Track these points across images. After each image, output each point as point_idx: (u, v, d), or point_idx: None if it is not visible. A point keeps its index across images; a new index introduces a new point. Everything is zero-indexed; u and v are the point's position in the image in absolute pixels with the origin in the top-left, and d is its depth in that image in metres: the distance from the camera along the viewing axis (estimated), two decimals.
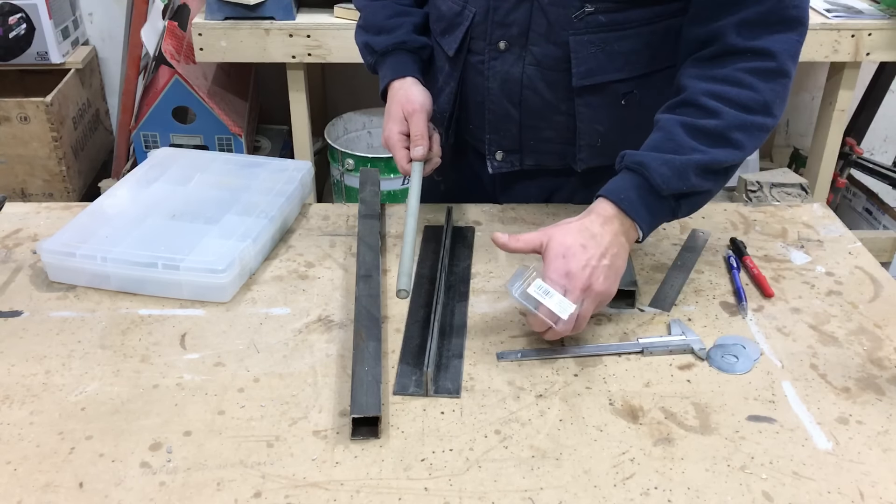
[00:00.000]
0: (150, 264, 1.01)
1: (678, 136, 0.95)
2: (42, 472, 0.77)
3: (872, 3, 2.33)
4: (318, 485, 0.76)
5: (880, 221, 2.65)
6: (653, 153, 0.95)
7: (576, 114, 1.13)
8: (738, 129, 0.95)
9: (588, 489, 0.76)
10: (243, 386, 0.89)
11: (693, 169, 0.94)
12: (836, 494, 0.76)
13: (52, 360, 0.92)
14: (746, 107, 0.95)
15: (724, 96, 0.95)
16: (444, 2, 1.17)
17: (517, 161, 1.20)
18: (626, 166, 0.96)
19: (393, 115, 1.15)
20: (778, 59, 0.96)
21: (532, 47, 1.10)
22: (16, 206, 1.25)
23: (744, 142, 0.95)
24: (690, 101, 0.97)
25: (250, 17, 2.19)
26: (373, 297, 0.99)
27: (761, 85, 0.96)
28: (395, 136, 1.14)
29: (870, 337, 0.98)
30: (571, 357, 0.93)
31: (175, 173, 1.25)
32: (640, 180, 0.94)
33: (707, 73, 0.98)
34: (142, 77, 2.61)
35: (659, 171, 0.93)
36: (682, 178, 0.94)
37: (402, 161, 1.13)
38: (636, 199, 0.94)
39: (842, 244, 1.18)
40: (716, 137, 0.95)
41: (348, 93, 2.93)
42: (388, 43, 1.19)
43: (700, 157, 0.94)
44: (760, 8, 0.95)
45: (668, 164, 0.93)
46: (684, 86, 0.99)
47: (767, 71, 0.96)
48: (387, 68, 1.19)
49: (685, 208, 0.98)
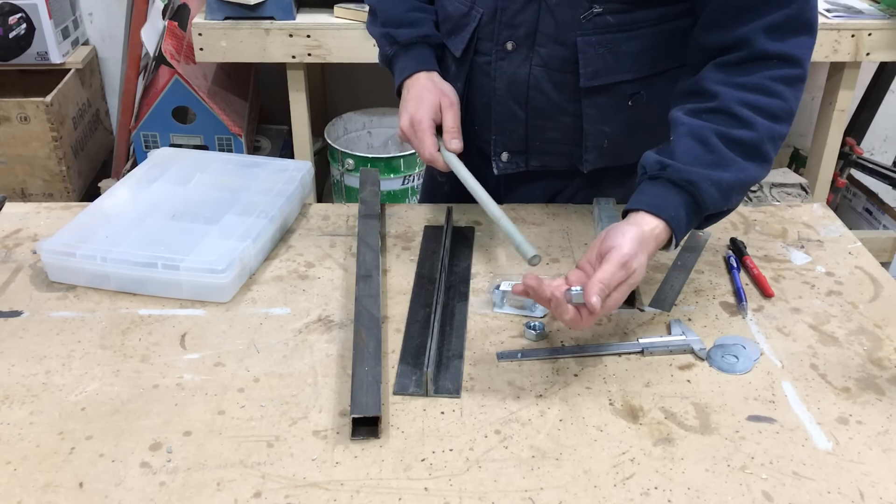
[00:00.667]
0: (150, 264, 1.01)
1: (716, 148, 0.93)
2: (42, 472, 0.77)
3: (872, 3, 2.33)
4: (318, 485, 0.76)
5: (880, 221, 2.65)
6: (699, 170, 0.92)
7: (583, 115, 1.12)
8: (770, 141, 0.95)
9: (588, 489, 0.76)
10: (243, 386, 0.89)
11: (737, 189, 0.94)
12: (836, 494, 0.76)
13: (52, 360, 0.92)
14: (776, 116, 0.95)
15: (757, 105, 0.94)
16: (451, 2, 1.16)
17: (522, 162, 1.20)
18: (674, 182, 0.92)
19: (426, 101, 1.12)
20: (803, 65, 0.97)
21: (539, 48, 1.09)
22: (16, 206, 1.25)
23: (771, 155, 0.96)
24: (724, 109, 0.95)
25: (250, 17, 2.19)
26: (373, 297, 0.99)
27: (788, 93, 0.96)
28: (427, 120, 1.10)
29: (870, 337, 0.98)
30: (571, 357, 0.93)
31: (175, 173, 1.25)
32: (688, 199, 0.92)
33: (736, 81, 0.96)
34: (142, 77, 2.61)
35: (708, 192, 0.92)
36: (726, 199, 0.94)
37: (430, 147, 1.10)
38: (683, 217, 0.92)
39: (842, 244, 1.18)
40: (750, 149, 0.94)
41: (348, 93, 2.93)
42: (413, 35, 1.18)
43: (741, 175, 0.93)
44: (789, 11, 0.95)
45: (717, 185, 0.92)
46: (714, 92, 0.96)
47: (793, 78, 0.96)
48: (409, 59, 1.18)
49: (709, 223, 0.98)
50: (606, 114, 1.12)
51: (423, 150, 1.10)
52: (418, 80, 1.15)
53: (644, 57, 1.09)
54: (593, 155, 1.16)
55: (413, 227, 1.21)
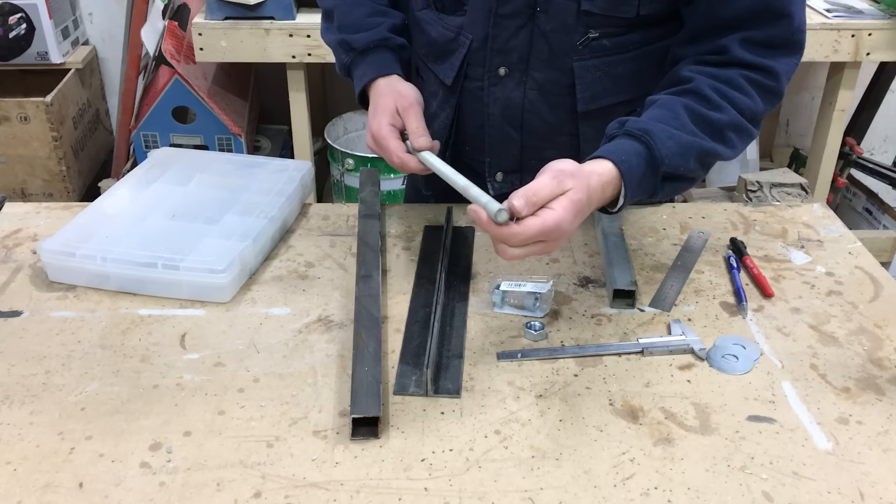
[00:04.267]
0: (150, 264, 1.01)
1: (682, 117, 0.94)
2: (42, 472, 0.77)
3: (872, 3, 2.33)
4: (318, 485, 0.76)
5: (880, 221, 2.65)
6: (659, 124, 0.92)
7: (580, 135, 1.11)
8: (734, 130, 0.96)
9: (588, 489, 0.76)
10: (243, 386, 0.89)
11: (696, 152, 0.93)
12: (836, 494, 0.76)
13: (52, 360, 0.92)
14: (743, 112, 0.96)
15: (728, 95, 0.96)
16: (435, 28, 1.13)
17: (517, 181, 1.17)
18: (629, 132, 0.92)
19: (382, 107, 1.06)
20: (780, 80, 0.98)
21: (533, 73, 1.08)
22: (16, 206, 1.25)
23: (735, 143, 0.96)
24: (696, 90, 0.96)
25: (250, 17, 2.19)
26: (373, 297, 0.99)
27: (759, 99, 0.97)
28: (385, 128, 1.04)
29: (870, 337, 0.98)
30: (571, 357, 0.93)
31: (175, 173, 1.25)
32: (642, 149, 0.90)
33: (712, 72, 0.98)
34: (142, 77, 2.61)
35: (665, 143, 0.91)
36: (685, 157, 0.92)
37: (397, 151, 1.03)
38: (635, 166, 0.89)
39: (842, 244, 1.18)
40: (715, 130, 0.95)
41: (348, 93, 2.90)
42: (370, 40, 1.12)
43: (703, 142, 0.93)
44: (772, 31, 0.96)
45: (675, 139, 0.91)
46: (688, 77, 0.98)
47: (767, 89, 0.98)
48: (367, 66, 1.12)
49: (667, 190, 0.95)
50: (602, 133, 1.11)
51: (391, 156, 1.04)
52: (377, 86, 1.10)
53: (639, 77, 1.08)
54: None
55: (413, 227, 1.21)
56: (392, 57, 1.13)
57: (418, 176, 1.37)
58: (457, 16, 1.10)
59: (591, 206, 0.88)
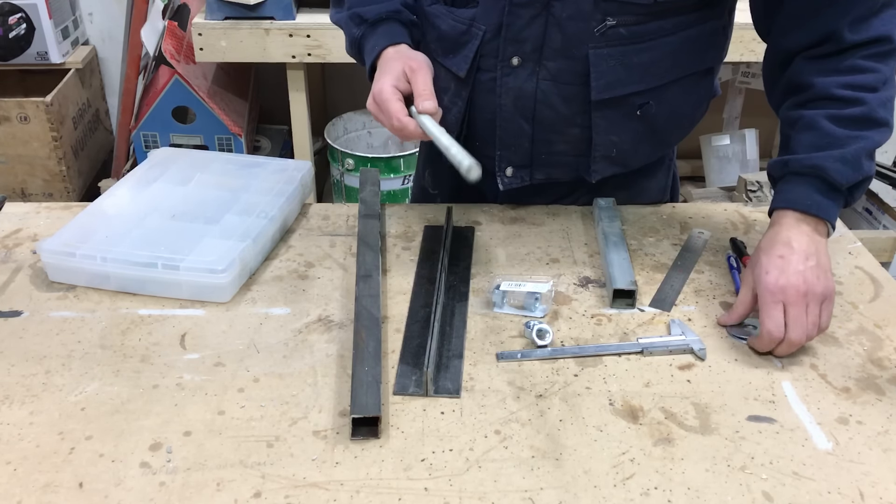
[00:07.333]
0: (150, 264, 1.01)
1: (830, 130, 0.97)
2: (42, 472, 0.77)
3: None
4: (318, 485, 0.76)
5: (880, 221, 2.65)
6: (821, 153, 0.96)
7: (592, 126, 1.10)
8: (881, 107, 0.98)
9: (588, 489, 0.76)
10: (243, 386, 0.89)
11: (863, 154, 0.97)
12: (836, 494, 0.76)
13: (52, 360, 0.92)
14: (875, 88, 0.98)
15: (854, 84, 0.98)
16: (445, 21, 1.11)
17: (527, 176, 1.17)
18: (798, 172, 0.98)
19: (388, 69, 1.03)
20: (892, 40, 0.99)
21: (547, 62, 1.07)
22: (16, 206, 1.25)
23: (888, 117, 0.98)
24: (825, 95, 0.98)
25: (250, 17, 2.19)
26: (373, 297, 0.99)
27: (881, 66, 0.99)
28: (388, 89, 1.01)
29: (870, 337, 0.98)
30: (571, 357, 0.93)
31: (175, 173, 1.25)
32: (818, 183, 0.96)
33: (829, 67, 0.99)
34: (142, 77, 2.61)
35: (835, 168, 0.95)
36: (857, 168, 0.96)
37: (397, 113, 1.00)
38: (822, 200, 0.96)
39: (842, 244, 1.17)
40: (864, 122, 0.97)
41: (348, 93, 2.93)
42: (382, 11, 1.11)
43: (864, 143, 0.96)
44: (869, 2, 0.97)
45: (841, 159, 0.95)
46: (810, 83, 1.00)
47: (884, 53, 0.99)
48: (378, 37, 1.10)
49: (857, 194, 1.00)
50: (615, 124, 1.10)
51: (390, 119, 1.01)
52: (385, 54, 1.08)
53: (655, 68, 1.07)
54: (601, 165, 1.14)
55: (413, 227, 1.21)
56: (403, 30, 1.12)
57: (425, 175, 1.37)
58: (468, 8, 1.09)
59: (804, 245, 0.95)
